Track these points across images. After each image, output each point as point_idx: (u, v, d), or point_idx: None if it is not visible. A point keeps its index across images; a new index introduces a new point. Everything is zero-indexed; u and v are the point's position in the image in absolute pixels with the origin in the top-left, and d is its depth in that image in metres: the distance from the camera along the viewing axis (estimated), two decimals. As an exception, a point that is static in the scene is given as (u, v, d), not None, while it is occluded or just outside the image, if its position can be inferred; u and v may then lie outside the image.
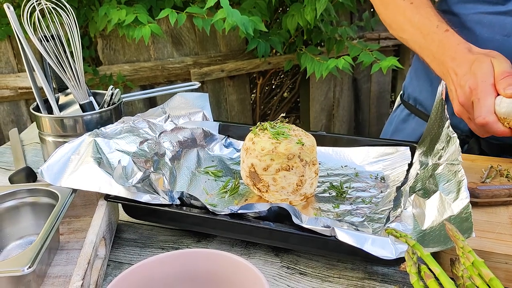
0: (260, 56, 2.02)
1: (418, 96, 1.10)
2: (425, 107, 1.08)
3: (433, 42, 0.87)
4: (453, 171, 0.66)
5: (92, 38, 2.12)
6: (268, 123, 0.83)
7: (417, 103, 1.10)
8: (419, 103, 1.10)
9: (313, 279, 0.69)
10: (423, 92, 1.08)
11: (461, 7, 0.96)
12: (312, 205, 0.83)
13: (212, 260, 0.56)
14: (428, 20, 0.89)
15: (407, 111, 1.14)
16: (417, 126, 1.09)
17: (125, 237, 0.80)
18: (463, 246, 0.50)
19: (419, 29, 0.91)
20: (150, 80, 2.22)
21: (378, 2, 1.02)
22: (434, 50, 0.87)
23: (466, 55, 0.81)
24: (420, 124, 1.07)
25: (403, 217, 0.68)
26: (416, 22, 0.91)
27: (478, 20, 0.92)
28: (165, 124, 0.96)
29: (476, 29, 0.91)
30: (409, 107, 1.13)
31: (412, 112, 1.12)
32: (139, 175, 0.76)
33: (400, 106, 1.18)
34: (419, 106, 1.10)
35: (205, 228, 0.74)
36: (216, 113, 2.41)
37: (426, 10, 0.91)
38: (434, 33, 0.87)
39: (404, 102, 1.16)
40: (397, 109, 1.19)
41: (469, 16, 0.94)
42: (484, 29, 0.90)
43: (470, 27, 0.92)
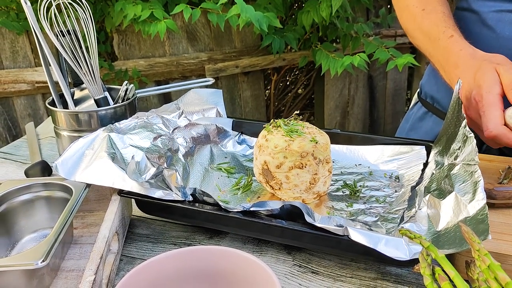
0: (275, 52, 2.01)
1: (435, 95, 1.09)
2: (442, 105, 1.06)
3: (439, 49, 0.86)
4: (470, 172, 0.65)
5: (108, 33, 2.13)
6: (281, 120, 0.82)
7: (434, 101, 1.09)
8: (437, 101, 1.08)
9: (325, 278, 0.69)
10: (440, 91, 1.06)
11: (481, 5, 0.94)
12: (325, 203, 0.82)
13: (224, 257, 0.56)
14: (435, 27, 0.88)
15: (424, 109, 1.12)
16: (434, 124, 1.08)
17: (138, 232, 0.80)
18: (479, 248, 0.49)
19: (427, 35, 0.90)
20: (165, 75, 2.22)
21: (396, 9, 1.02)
22: (440, 58, 0.86)
23: (469, 61, 0.79)
24: (437, 122, 1.06)
25: (417, 217, 0.67)
26: (425, 29, 0.90)
27: (499, 18, 0.90)
28: (179, 120, 0.96)
29: (497, 27, 0.90)
30: (426, 105, 1.12)
31: (429, 111, 1.11)
32: (153, 171, 0.76)
33: (417, 104, 1.16)
34: (436, 105, 1.09)
35: (217, 225, 0.74)
36: (230, 109, 2.41)
37: (437, 16, 0.90)
38: (440, 39, 0.86)
39: (422, 100, 1.14)
40: (414, 107, 1.18)
41: (489, 14, 0.92)
42: (505, 27, 0.88)
43: (491, 25, 0.91)
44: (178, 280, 0.56)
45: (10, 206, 0.73)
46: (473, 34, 0.92)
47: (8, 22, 1.92)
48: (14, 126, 2.24)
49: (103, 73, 2.10)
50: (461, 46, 0.82)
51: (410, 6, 0.95)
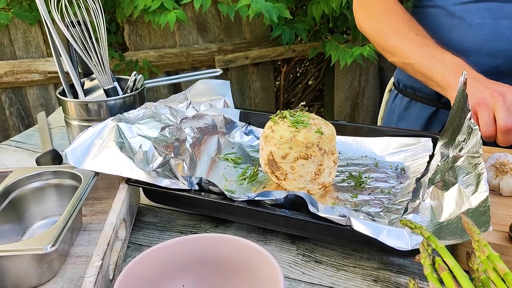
0: (285, 43, 2.01)
1: (415, 85, 1.12)
2: (424, 92, 1.11)
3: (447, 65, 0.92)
4: (473, 164, 0.65)
5: (119, 23, 2.15)
6: (287, 112, 0.83)
7: (415, 90, 1.13)
8: (418, 90, 1.12)
9: (328, 267, 0.70)
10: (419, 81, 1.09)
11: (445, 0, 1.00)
12: (330, 194, 0.83)
13: (228, 244, 0.57)
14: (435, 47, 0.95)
15: (407, 99, 1.16)
16: (420, 111, 1.12)
17: (146, 220, 0.82)
18: (478, 239, 0.50)
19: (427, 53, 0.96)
20: (175, 66, 2.24)
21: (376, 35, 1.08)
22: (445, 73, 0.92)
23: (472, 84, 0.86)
24: (423, 108, 1.11)
25: (420, 208, 0.68)
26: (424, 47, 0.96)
27: (467, 9, 0.96)
28: (186, 111, 0.97)
29: (467, 17, 0.96)
30: (408, 95, 1.16)
31: (412, 99, 1.14)
32: (159, 160, 0.77)
33: (398, 95, 1.20)
34: (418, 93, 1.13)
35: (222, 214, 0.75)
36: (240, 100, 2.42)
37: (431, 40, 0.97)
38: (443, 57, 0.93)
39: (402, 91, 1.19)
40: (396, 99, 1.21)
41: (456, 7, 0.98)
42: (474, 16, 0.95)
43: (461, 16, 0.97)
44: (182, 267, 0.58)
45: (21, 193, 0.75)
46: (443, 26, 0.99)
47: (21, 13, 1.95)
48: (27, 116, 2.27)
49: (114, 63, 2.12)
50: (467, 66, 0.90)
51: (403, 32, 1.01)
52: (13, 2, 1.99)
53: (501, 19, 0.94)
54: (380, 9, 1.07)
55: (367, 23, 1.12)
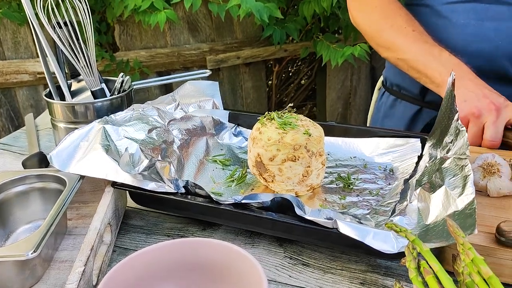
0: (276, 43, 2.01)
1: (401, 83, 1.14)
2: (409, 91, 1.12)
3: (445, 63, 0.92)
4: (460, 166, 0.65)
5: (110, 23, 2.13)
6: (275, 113, 0.82)
7: (401, 88, 1.14)
8: (403, 88, 1.14)
9: (315, 270, 0.69)
10: (406, 79, 1.11)
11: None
12: (319, 196, 0.82)
13: (212, 249, 0.56)
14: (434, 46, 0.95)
15: (392, 97, 1.18)
16: (405, 109, 1.13)
17: (132, 224, 0.81)
18: (463, 242, 0.50)
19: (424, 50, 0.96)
20: (166, 66, 2.22)
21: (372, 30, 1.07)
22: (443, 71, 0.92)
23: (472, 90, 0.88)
24: (408, 106, 1.12)
25: (408, 210, 0.67)
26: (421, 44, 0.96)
27: (452, 9, 0.98)
28: (174, 112, 0.96)
29: (452, 17, 0.97)
30: (394, 93, 1.17)
31: (398, 98, 1.16)
32: (145, 163, 0.77)
33: (385, 93, 1.22)
34: (403, 91, 1.14)
35: (209, 217, 0.74)
36: (232, 100, 2.41)
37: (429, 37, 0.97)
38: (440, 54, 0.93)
39: (388, 89, 1.20)
40: (382, 97, 1.23)
41: (443, 6, 1.00)
42: (459, 16, 0.96)
43: (446, 16, 0.98)
44: (167, 271, 0.57)
45: (5, 197, 0.74)
46: (431, 25, 0.99)
47: (10, 13, 1.93)
48: (16, 117, 2.25)
49: (104, 64, 2.11)
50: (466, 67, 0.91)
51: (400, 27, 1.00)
52: (2, 2, 1.97)
53: (485, 21, 0.95)
54: (377, 3, 1.05)
55: (362, 18, 1.10)
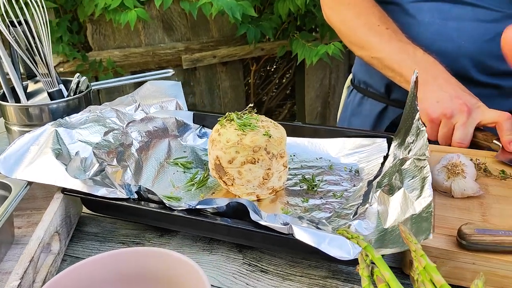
0: (251, 41, 1.98)
1: (368, 80, 1.13)
2: (376, 88, 1.12)
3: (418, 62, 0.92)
4: (419, 167, 0.62)
5: (82, 23, 2.08)
6: (235, 114, 0.79)
7: (368, 86, 1.14)
8: (370, 86, 1.13)
9: (274, 277, 0.66)
10: (373, 77, 1.11)
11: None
12: (281, 199, 0.79)
13: (155, 258, 0.53)
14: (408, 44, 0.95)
15: (360, 94, 1.17)
16: (372, 107, 1.12)
17: (87, 231, 0.78)
18: (415, 249, 0.47)
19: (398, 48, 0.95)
20: (141, 66, 2.18)
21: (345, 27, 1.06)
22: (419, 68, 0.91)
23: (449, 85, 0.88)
24: (375, 104, 1.11)
25: (367, 214, 0.65)
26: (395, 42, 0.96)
27: (419, 7, 0.98)
28: (135, 114, 0.93)
29: (418, 15, 0.98)
30: (361, 90, 1.16)
31: (365, 95, 1.15)
32: (96, 168, 0.73)
33: (353, 91, 1.21)
34: (370, 89, 1.13)
35: (164, 224, 0.71)
36: (209, 100, 2.38)
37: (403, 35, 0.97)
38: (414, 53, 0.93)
39: (356, 87, 1.19)
40: (350, 95, 1.22)
41: (410, 4, 1.00)
42: (425, 15, 0.96)
43: (413, 14, 0.98)
44: (108, 283, 0.54)
45: None
46: (399, 23, 0.99)
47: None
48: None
49: (77, 64, 2.06)
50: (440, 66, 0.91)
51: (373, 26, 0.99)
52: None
53: (449, 20, 0.95)
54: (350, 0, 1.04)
55: (335, 15, 1.08)
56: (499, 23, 0.91)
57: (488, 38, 0.92)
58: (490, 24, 0.92)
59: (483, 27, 0.92)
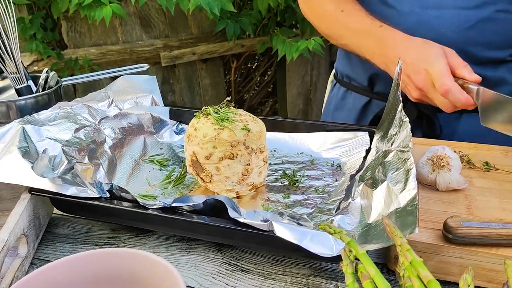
0: (230, 38, 1.95)
1: (351, 74, 1.12)
2: (359, 82, 1.11)
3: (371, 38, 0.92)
4: (403, 159, 0.60)
5: (56, 20, 2.02)
6: (211, 108, 0.76)
7: (351, 79, 1.13)
8: (353, 79, 1.12)
9: (255, 276, 0.64)
10: (354, 70, 1.10)
11: None
12: (262, 195, 0.77)
13: (126, 260, 0.50)
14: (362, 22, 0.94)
15: (343, 88, 1.15)
16: (355, 101, 1.11)
17: (58, 233, 0.74)
18: (401, 244, 0.45)
19: (355, 31, 0.96)
20: (119, 63, 2.13)
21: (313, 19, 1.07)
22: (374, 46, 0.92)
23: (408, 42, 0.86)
24: (358, 98, 1.10)
25: (350, 208, 0.63)
26: (352, 26, 0.97)
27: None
28: (108, 110, 0.89)
29: (397, 5, 0.96)
30: (344, 84, 1.15)
31: (348, 89, 1.13)
32: (65, 166, 0.69)
33: (336, 85, 1.19)
34: (353, 82, 1.12)
35: (139, 223, 0.68)
36: (189, 98, 2.34)
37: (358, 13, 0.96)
38: (370, 30, 0.92)
39: (339, 81, 1.18)
40: (334, 89, 1.20)
41: None
42: (404, 5, 0.95)
43: (392, 4, 0.97)
44: (78, 286, 0.50)
45: None
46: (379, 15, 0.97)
47: None
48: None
49: (52, 62, 2.00)
50: (395, 32, 0.89)
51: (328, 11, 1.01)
52: None
53: (429, 9, 0.93)
54: None
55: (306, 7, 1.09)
56: (479, 9, 0.90)
57: (469, 25, 0.91)
58: (470, 11, 0.91)
59: (463, 14, 0.91)
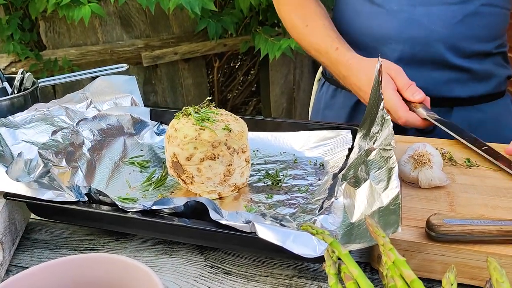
0: (211, 37, 1.93)
1: None
2: None
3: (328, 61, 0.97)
4: (385, 158, 0.60)
5: (34, 20, 1.98)
6: (192, 108, 0.75)
7: None
8: None
9: (238, 278, 0.63)
10: None
11: None
12: (244, 196, 0.76)
13: (104, 265, 0.49)
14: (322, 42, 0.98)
15: (333, 87, 1.15)
16: (345, 99, 1.10)
17: (35, 238, 0.72)
18: (383, 243, 0.44)
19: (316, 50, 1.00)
20: (99, 64, 2.10)
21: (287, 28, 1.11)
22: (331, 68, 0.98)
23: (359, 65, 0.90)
24: (348, 96, 1.09)
25: (333, 208, 0.62)
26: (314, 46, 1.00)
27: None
28: (86, 111, 0.87)
29: (385, 4, 0.97)
30: (335, 83, 1.14)
31: (338, 87, 1.13)
32: (41, 169, 0.67)
33: (325, 84, 1.19)
34: None
35: (118, 227, 0.66)
36: (172, 98, 2.32)
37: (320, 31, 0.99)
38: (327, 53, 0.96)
39: (328, 79, 1.17)
40: (322, 88, 1.19)
41: None
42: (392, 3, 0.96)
43: (379, 3, 0.98)
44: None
45: None
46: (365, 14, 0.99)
47: None
48: None
49: (30, 63, 1.96)
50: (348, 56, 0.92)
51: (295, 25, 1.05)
52: None
53: (417, 6, 0.94)
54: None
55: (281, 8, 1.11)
56: (465, 4, 0.92)
57: (456, 20, 0.92)
58: (457, 6, 0.92)
59: (451, 10, 0.92)
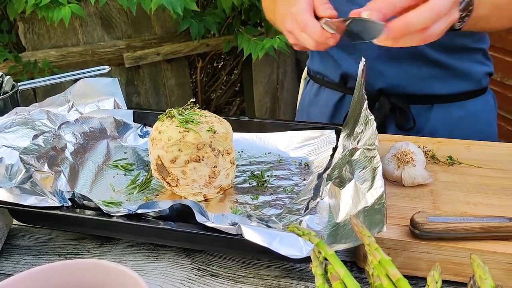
0: (194, 37, 1.92)
1: (323, 71, 1.13)
2: (331, 78, 1.11)
3: None
4: (369, 157, 0.60)
5: (12, 21, 1.95)
6: (175, 110, 0.75)
7: (323, 76, 1.13)
8: (325, 75, 1.13)
9: (225, 280, 0.63)
10: (326, 66, 1.11)
11: None
12: (230, 197, 0.76)
13: (89, 270, 0.48)
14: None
15: (317, 85, 1.16)
16: (328, 96, 1.11)
17: (18, 244, 0.71)
18: (369, 243, 0.45)
19: None
20: (80, 65, 2.07)
21: None
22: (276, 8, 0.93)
23: None
24: (332, 94, 1.10)
25: (319, 208, 0.62)
26: None
27: None
28: (68, 114, 0.86)
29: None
30: (318, 80, 1.15)
31: (322, 85, 1.14)
32: (22, 174, 0.66)
33: (309, 82, 1.19)
34: (326, 78, 1.13)
35: (103, 231, 0.66)
36: (155, 99, 2.30)
37: None
38: None
39: (312, 77, 1.18)
40: (307, 86, 1.21)
41: None
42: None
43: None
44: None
45: None
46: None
47: None
48: None
49: (9, 65, 1.92)
50: None
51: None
52: None
53: None
54: None
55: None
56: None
57: None
58: None
59: None
